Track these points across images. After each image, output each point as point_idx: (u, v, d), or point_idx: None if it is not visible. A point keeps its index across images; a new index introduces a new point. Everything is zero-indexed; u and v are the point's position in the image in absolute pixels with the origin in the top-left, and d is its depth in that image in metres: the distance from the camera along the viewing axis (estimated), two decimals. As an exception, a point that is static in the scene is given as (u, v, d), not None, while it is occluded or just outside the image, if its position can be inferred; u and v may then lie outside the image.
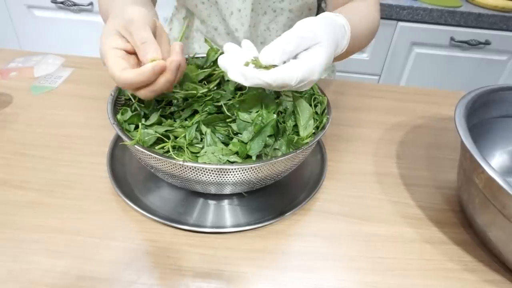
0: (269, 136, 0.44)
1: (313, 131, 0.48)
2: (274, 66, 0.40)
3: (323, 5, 0.78)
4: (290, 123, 0.48)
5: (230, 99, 0.48)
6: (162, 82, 0.41)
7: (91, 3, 1.42)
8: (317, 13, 0.78)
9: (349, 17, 0.50)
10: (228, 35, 0.75)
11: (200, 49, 0.81)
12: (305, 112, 0.48)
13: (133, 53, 0.42)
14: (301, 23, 0.42)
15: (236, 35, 0.74)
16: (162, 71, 0.40)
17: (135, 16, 0.41)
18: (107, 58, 0.40)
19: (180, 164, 0.40)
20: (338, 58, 0.52)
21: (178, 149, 0.45)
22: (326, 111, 0.50)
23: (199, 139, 0.46)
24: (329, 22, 0.45)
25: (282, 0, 0.70)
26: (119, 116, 0.46)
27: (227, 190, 0.45)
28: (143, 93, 0.41)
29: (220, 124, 0.47)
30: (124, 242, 0.44)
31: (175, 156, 0.42)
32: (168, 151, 0.44)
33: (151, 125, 0.46)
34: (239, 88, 0.51)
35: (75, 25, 1.48)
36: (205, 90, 0.49)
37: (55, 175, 0.52)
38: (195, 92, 0.48)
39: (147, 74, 0.39)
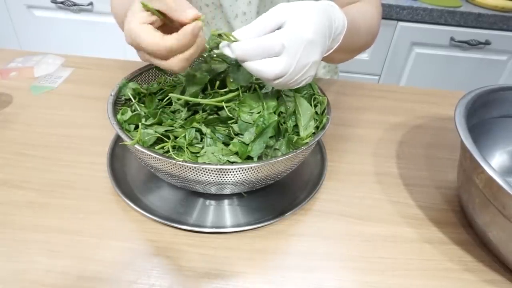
0: (270, 137, 0.44)
1: (313, 131, 0.48)
2: None
3: None
4: (290, 123, 0.48)
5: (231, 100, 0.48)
6: (197, 47, 0.39)
7: (91, 3, 1.42)
8: None
9: (346, 10, 0.48)
10: None
11: None
12: (306, 112, 0.48)
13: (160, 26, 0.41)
14: (283, 4, 0.40)
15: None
16: (198, 33, 0.38)
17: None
18: (140, 33, 0.38)
19: (180, 164, 0.40)
20: (340, 54, 0.50)
21: (178, 149, 0.45)
22: (326, 111, 0.50)
23: (199, 139, 0.46)
24: (318, 3, 0.43)
25: (287, 3, 0.70)
26: (119, 116, 0.46)
27: (227, 190, 0.45)
28: (175, 63, 0.39)
29: (220, 124, 0.47)
30: (124, 242, 0.44)
31: (175, 156, 0.42)
32: (168, 151, 0.44)
33: (151, 125, 0.46)
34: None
35: (75, 25, 1.48)
36: (209, 101, 0.48)
37: (55, 175, 0.52)
38: (197, 100, 0.48)
39: (189, 36, 0.37)
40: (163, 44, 0.37)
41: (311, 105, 0.49)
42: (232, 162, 0.43)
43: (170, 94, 0.49)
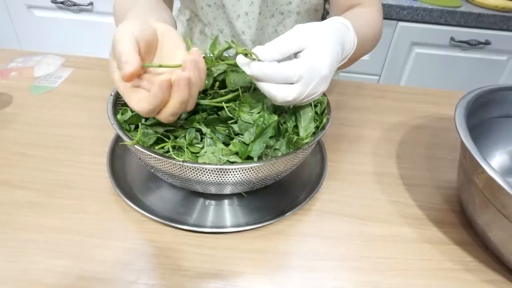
0: (270, 137, 0.44)
1: (313, 131, 0.48)
2: None
3: (327, 6, 0.78)
4: (290, 124, 0.48)
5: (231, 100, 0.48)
6: (174, 103, 0.37)
7: (91, 3, 1.42)
8: (323, 14, 0.78)
9: (354, 22, 0.50)
10: (234, 37, 0.75)
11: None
12: (306, 114, 0.47)
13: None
14: (302, 26, 0.42)
15: (243, 38, 0.74)
16: (169, 85, 0.36)
17: (116, 36, 0.38)
18: (123, 93, 0.38)
19: (180, 164, 0.40)
20: (344, 65, 0.52)
21: (178, 149, 0.45)
22: (326, 111, 0.50)
23: (199, 139, 0.46)
24: (335, 26, 0.45)
25: (289, 3, 0.70)
26: (119, 116, 0.46)
27: (227, 190, 0.45)
28: (163, 118, 0.39)
29: (220, 124, 0.47)
30: (124, 242, 0.44)
31: (175, 156, 0.42)
32: (168, 151, 0.44)
33: (151, 125, 0.46)
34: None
35: (75, 25, 1.48)
36: (209, 102, 0.48)
37: (55, 175, 0.52)
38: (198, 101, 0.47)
39: (159, 95, 0.36)
40: (139, 110, 0.37)
41: (311, 105, 0.49)
42: (232, 162, 0.43)
43: None
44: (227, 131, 0.46)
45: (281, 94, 0.40)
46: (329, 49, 0.41)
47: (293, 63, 0.39)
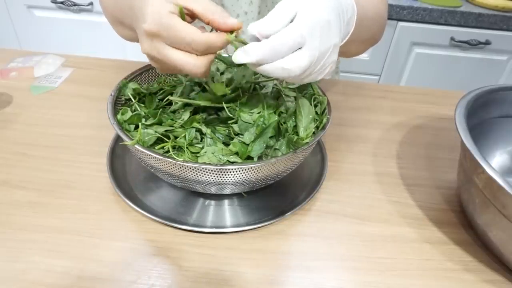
0: (270, 137, 0.44)
1: (313, 131, 0.48)
2: None
3: None
4: (290, 123, 0.48)
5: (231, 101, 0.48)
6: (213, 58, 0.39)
7: (91, 3, 1.42)
8: None
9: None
10: None
11: None
12: (307, 114, 0.48)
13: None
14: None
15: (242, 37, 0.74)
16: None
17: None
18: (177, 22, 0.36)
19: (180, 164, 0.40)
20: (352, 44, 0.49)
21: (178, 149, 0.45)
22: (326, 111, 0.50)
23: (199, 139, 0.46)
24: None
25: None
26: (119, 116, 0.46)
27: (227, 190, 0.45)
28: (205, 63, 0.38)
29: (220, 124, 0.47)
30: (124, 242, 0.44)
31: (175, 156, 0.42)
32: (168, 151, 0.44)
33: (151, 125, 0.46)
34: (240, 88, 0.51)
35: (75, 25, 1.48)
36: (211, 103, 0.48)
37: (55, 175, 0.52)
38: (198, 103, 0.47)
39: (225, 42, 0.37)
40: (205, 36, 0.36)
41: (311, 104, 0.49)
42: (232, 162, 0.43)
43: (171, 98, 0.49)
44: (227, 131, 0.46)
45: (294, 63, 0.37)
46: (322, 1, 0.38)
47: (289, 26, 0.36)
